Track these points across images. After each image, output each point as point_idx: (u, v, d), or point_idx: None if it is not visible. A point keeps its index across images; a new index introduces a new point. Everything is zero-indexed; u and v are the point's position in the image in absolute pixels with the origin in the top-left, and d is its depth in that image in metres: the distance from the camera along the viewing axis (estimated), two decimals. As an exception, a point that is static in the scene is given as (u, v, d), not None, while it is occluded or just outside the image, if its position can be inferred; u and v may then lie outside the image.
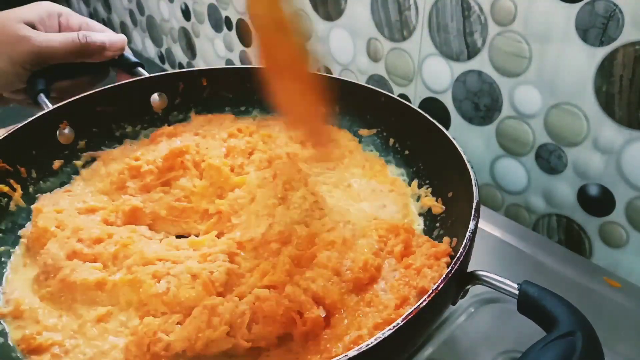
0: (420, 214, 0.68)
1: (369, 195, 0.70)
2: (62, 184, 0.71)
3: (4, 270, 0.60)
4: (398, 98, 0.74)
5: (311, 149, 0.75)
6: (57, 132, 0.72)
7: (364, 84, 0.79)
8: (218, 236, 0.63)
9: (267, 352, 0.51)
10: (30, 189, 0.68)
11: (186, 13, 1.33)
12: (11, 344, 0.52)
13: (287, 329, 0.51)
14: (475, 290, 0.52)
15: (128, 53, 0.85)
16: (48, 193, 0.69)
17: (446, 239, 0.59)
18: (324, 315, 0.52)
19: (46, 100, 0.75)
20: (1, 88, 0.81)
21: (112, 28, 1.51)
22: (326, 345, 0.50)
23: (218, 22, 1.25)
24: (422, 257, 0.56)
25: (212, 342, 0.49)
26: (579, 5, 0.65)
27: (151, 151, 0.72)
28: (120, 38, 0.83)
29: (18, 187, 0.67)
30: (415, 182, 0.71)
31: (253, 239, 0.60)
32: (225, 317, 0.50)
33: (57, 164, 0.72)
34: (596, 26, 0.64)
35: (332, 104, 0.81)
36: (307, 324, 0.51)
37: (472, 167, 0.58)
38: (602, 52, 0.65)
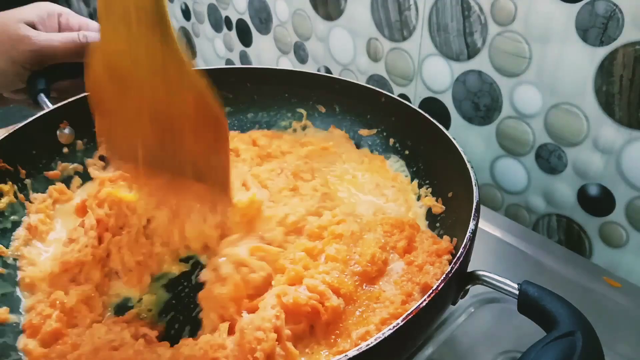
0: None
1: (374, 189, 0.71)
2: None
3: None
4: (398, 98, 0.74)
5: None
6: (57, 132, 0.72)
7: (364, 84, 0.79)
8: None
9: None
10: (30, 190, 0.68)
11: (186, 13, 1.33)
12: None
13: (312, 320, 0.52)
14: (475, 290, 0.52)
15: (128, 53, 0.85)
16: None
17: (446, 238, 0.59)
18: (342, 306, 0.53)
19: (46, 100, 0.75)
20: (2, 88, 0.81)
21: (112, 28, 1.51)
22: (337, 340, 0.51)
23: (218, 22, 1.25)
24: (423, 254, 0.57)
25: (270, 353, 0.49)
26: (579, 5, 0.65)
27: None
28: None
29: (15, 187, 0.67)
30: (415, 182, 0.71)
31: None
32: (267, 327, 0.49)
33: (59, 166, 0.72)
34: (596, 26, 0.64)
35: (332, 104, 0.81)
36: (329, 312, 0.51)
37: (472, 167, 0.58)
38: (602, 52, 0.65)
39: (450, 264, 0.51)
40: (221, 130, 0.53)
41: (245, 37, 1.19)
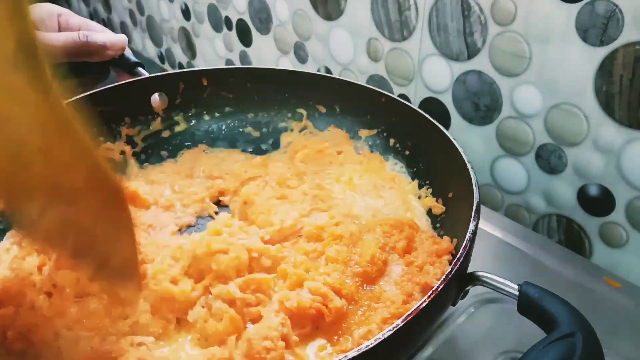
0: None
1: (371, 191, 0.71)
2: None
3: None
4: (398, 98, 0.74)
5: None
6: (57, 133, 0.72)
7: (364, 84, 0.79)
8: None
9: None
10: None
11: (186, 13, 1.33)
12: None
13: (316, 322, 0.52)
14: (475, 290, 0.52)
15: (128, 53, 0.85)
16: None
17: (446, 238, 0.59)
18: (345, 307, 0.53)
19: (46, 101, 0.75)
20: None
21: (112, 28, 1.51)
22: (339, 339, 0.51)
23: (218, 22, 1.25)
24: (423, 255, 0.57)
25: None
26: (579, 5, 0.65)
27: None
28: (121, 38, 0.83)
29: None
30: (415, 183, 0.71)
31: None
32: (275, 335, 0.49)
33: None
34: (596, 26, 0.64)
35: (332, 104, 0.81)
36: (333, 313, 0.52)
37: (472, 168, 0.58)
38: (602, 52, 0.65)
39: (450, 265, 0.51)
40: (121, 203, 0.45)
41: (245, 37, 1.19)
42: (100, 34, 0.81)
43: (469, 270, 0.51)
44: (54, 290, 0.53)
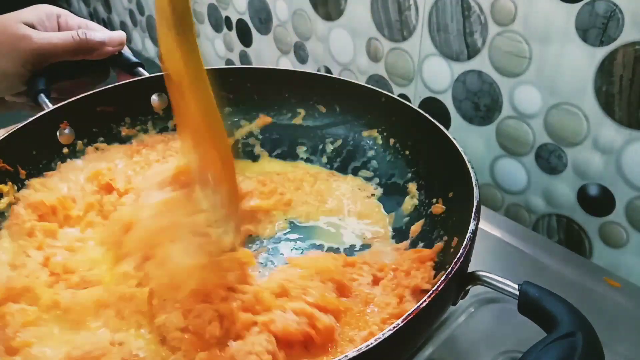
0: (421, 215, 0.68)
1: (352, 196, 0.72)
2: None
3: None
4: (398, 98, 0.74)
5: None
6: (57, 132, 0.72)
7: (364, 84, 0.79)
8: None
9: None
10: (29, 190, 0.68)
11: (186, 13, 1.33)
12: None
13: (305, 343, 0.50)
14: (475, 290, 0.52)
15: (128, 53, 0.85)
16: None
17: (439, 245, 0.59)
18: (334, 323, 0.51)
19: (46, 100, 0.75)
20: (3, 91, 0.81)
21: (112, 28, 1.51)
22: (336, 349, 0.50)
23: (218, 22, 1.25)
24: (407, 261, 0.57)
25: None
26: (579, 5, 0.65)
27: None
28: (119, 33, 0.83)
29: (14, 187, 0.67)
30: (415, 183, 0.71)
31: None
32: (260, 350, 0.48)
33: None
34: (596, 26, 0.64)
35: (332, 104, 0.81)
36: (322, 334, 0.50)
37: (472, 167, 0.58)
38: (602, 52, 0.65)
39: (434, 269, 0.51)
40: (229, 149, 0.59)
41: (245, 37, 1.19)
42: (98, 32, 0.81)
43: (469, 270, 0.51)
44: (59, 278, 0.55)
